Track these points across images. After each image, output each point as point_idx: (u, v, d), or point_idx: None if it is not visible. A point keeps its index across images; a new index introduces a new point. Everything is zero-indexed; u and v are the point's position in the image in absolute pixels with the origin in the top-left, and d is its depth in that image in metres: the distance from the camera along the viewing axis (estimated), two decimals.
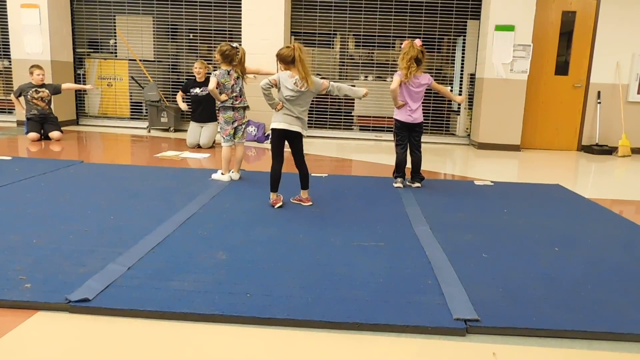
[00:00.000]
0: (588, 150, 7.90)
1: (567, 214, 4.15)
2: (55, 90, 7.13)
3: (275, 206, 3.93)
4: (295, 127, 3.94)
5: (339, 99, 8.41)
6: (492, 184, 5.20)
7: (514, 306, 2.37)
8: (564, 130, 8.07)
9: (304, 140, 4.10)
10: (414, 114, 4.74)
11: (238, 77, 4.76)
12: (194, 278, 2.56)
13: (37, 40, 7.96)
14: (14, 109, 8.41)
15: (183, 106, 6.94)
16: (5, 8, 8.07)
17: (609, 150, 7.76)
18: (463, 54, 8.35)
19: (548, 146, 8.07)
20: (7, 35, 8.21)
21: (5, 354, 1.92)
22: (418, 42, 4.68)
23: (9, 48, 8.26)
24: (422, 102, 4.83)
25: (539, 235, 3.49)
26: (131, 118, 8.88)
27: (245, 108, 4.90)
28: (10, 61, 8.33)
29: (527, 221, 3.85)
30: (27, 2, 7.90)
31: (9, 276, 2.50)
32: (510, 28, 7.46)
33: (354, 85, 8.33)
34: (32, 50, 7.99)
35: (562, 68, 7.94)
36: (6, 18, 8.10)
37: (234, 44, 4.77)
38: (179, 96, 7.02)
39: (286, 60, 3.86)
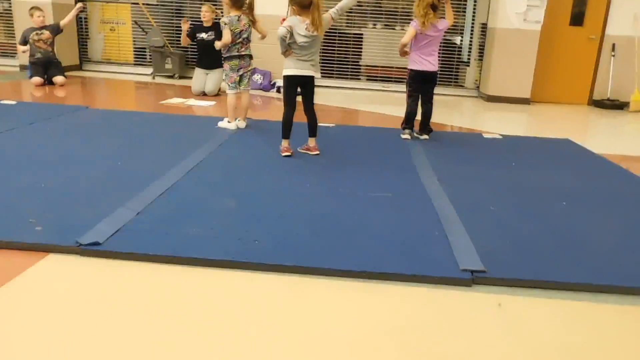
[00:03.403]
0: (599, 104, 7.77)
1: (576, 169, 4.12)
2: (56, 30, 6.96)
3: (283, 154, 3.91)
4: (309, 72, 3.89)
5: (346, 48, 8.22)
6: (501, 137, 5.14)
7: (521, 258, 2.38)
8: (575, 83, 7.90)
9: None
10: (430, 62, 4.61)
11: (247, 24, 4.63)
12: (203, 223, 2.57)
13: None
14: (16, 53, 8.26)
15: (185, 41, 6.61)
16: None
17: (621, 105, 7.63)
18: (475, 2, 8.08)
19: (558, 100, 7.93)
20: None
21: (17, 295, 1.96)
22: None
23: None
24: None
25: (547, 189, 3.48)
26: (135, 64, 8.73)
27: (251, 56, 4.78)
28: (10, 3, 8.12)
29: (536, 175, 3.83)
30: None
31: (19, 218, 2.52)
32: None
33: (361, 35, 8.21)
34: None
35: (577, 18, 7.70)
36: None
37: None
38: (184, 34, 6.63)
39: (303, 4, 3.75)
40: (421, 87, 4.74)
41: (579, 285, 2.18)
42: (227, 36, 4.51)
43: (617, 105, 7.62)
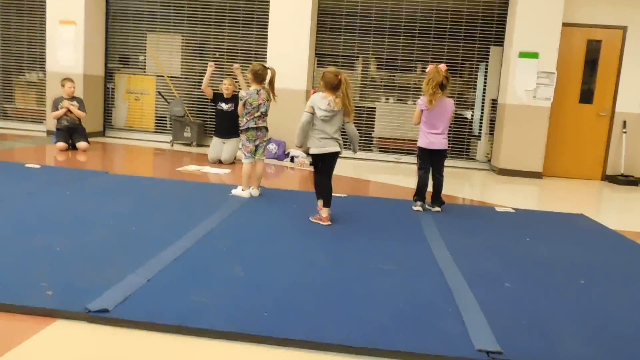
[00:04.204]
0: (613, 180, 7.77)
1: (592, 245, 4.08)
2: (81, 108, 7.24)
3: (326, 224, 4.01)
4: (333, 148, 4.08)
5: (359, 120, 8.44)
6: (514, 211, 5.14)
7: (538, 340, 2.31)
8: (587, 158, 7.95)
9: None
10: (437, 139, 4.72)
11: (267, 98, 4.83)
12: (212, 292, 2.58)
13: (72, 54, 8.20)
14: (44, 119, 8.62)
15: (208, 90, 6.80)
16: (45, 23, 8.35)
17: (635, 181, 7.62)
18: (485, 79, 8.34)
19: (571, 174, 7.96)
20: (44, 48, 8.47)
21: None
22: (443, 67, 4.70)
23: (44, 61, 8.51)
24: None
25: (564, 266, 3.44)
26: (155, 131, 9.03)
27: (267, 128, 4.94)
28: (44, 73, 8.58)
29: (551, 251, 3.79)
30: (65, 18, 8.16)
31: (31, 282, 2.55)
32: (534, 55, 7.44)
33: (374, 109, 8.45)
34: (67, 64, 8.21)
35: (586, 96, 7.86)
36: (44, 33, 8.38)
37: (266, 65, 4.85)
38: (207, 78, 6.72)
39: (329, 84, 3.97)
40: (430, 161, 4.83)
41: None
42: (240, 109, 4.78)
43: (632, 181, 7.61)
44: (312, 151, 4.12)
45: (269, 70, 4.85)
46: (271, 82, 4.86)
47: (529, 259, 3.57)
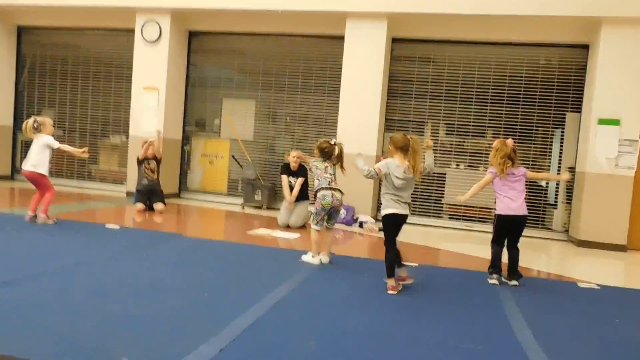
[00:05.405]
0: None
1: None
2: (157, 160, 7.64)
3: (391, 292, 3.94)
4: (406, 211, 4.07)
5: (429, 186, 8.34)
6: (599, 287, 4.78)
7: None
8: None
9: None
10: (515, 205, 4.56)
11: (333, 164, 4.88)
12: None
13: (154, 119, 8.75)
14: (125, 181, 9.14)
15: (288, 197, 6.92)
16: (130, 91, 9.03)
17: None
18: (561, 146, 8.07)
19: None
20: (128, 113, 9.10)
21: None
22: (510, 141, 4.65)
23: (128, 125, 9.12)
24: None
25: None
26: (228, 194, 9.32)
27: (341, 192, 4.87)
28: (127, 137, 9.18)
29: None
30: (150, 85, 8.80)
31: (108, 348, 2.60)
32: (615, 122, 7.14)
33: (444, 174, 8.34)
34: (148, 129, 8.73)
35: None
36: (129, 98, 9.04)
37: (332, 140, 4.90)
38: (285, 182, 7.02)
39: (397, 145, 4.01)
40: (508, 233, 4.63)
41: None
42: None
43: None
44: (390, 211, 4.02)
45: (336, 147, 4.86)
46: (340, 157, 4.88)
47: (620, 343, 3.28)
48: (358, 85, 8.00)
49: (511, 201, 4.56)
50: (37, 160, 5.65)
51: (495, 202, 4.73)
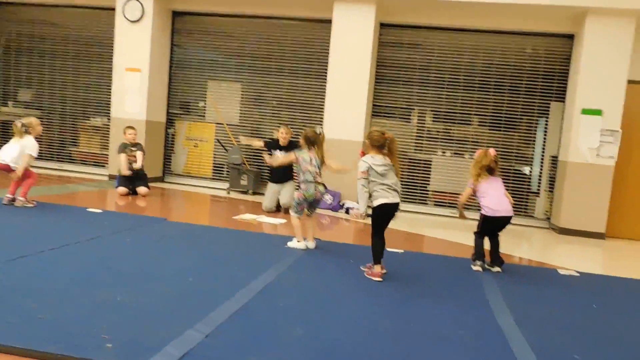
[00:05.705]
0: None
1: None
2: (141, 154, 7.54)
3: (378, 278, 3.95)
4: (397, 199, 4.04)
5: (415, 173, 8.38)
6: (578, 274, 4.88)
7: None
8: None
9: None
10: (502, 207, 4.63)
11: (317, 155, 4.89)
12: (269, 354, 2.52)
13: (137, 101, 8.61)
14: (107, 163, 9.00)
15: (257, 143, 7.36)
16: (111, 71, 8.85)
17: None
18: (545, 134, 8.15)
19: (636, 236, 7.55)
20: (110, 95, 8.94)
21: None
22: (492, 151, 4.70)
23: (109, 107, 8.97)
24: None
25: (637, 338, 3.20)
26: (212, 178, 9.26)
27: (324, 186, 4.97)
28: (109, 119, 9.02)
29: (623, 322, 3.55)
30: (132, 66, 8.63)
31: (93, 334, 2.57)
32: (597, 112, 7.23)
33: (430, 161, 8.38)
34: (131, 110, 8.62)
35: None
36: (111, 79, 8.86)
37: (318, 130, 4.94)
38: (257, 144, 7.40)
39: (374, 143, 4.00)
40: (492, 230, 4.74)
41: None
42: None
43: None
44: (380, 201, 4.02)
45: (320, 137, 4.92)
46: (320, 146, 4.91)
47: (599, 329, 3.36)
48: (345, 70, 7.94)
49: (497, 203, 4.62)
50: (17, 160, 5.57)
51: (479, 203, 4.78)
